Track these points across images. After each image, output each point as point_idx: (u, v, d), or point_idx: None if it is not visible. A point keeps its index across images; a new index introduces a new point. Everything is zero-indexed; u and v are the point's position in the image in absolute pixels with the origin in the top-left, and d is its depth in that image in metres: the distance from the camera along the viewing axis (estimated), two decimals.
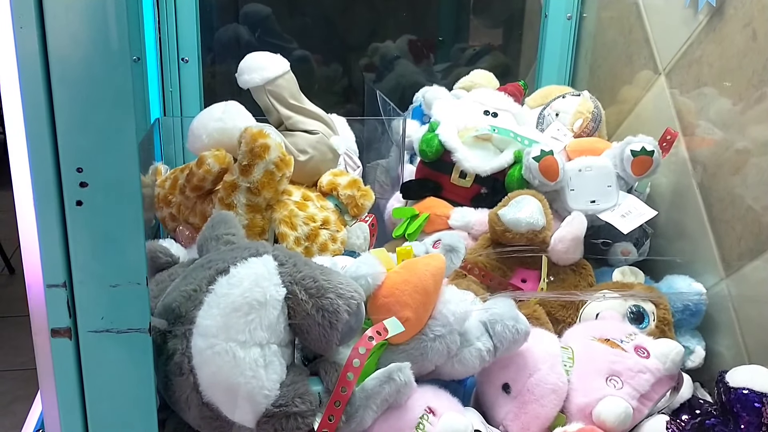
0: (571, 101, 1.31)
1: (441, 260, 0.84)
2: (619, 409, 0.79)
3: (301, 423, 0.69)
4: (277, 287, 0.69)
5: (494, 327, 0.82)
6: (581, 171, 1.12)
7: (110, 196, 0.57)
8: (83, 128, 0.55)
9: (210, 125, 1.09)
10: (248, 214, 1.03)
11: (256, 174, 1.00)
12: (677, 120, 1.16)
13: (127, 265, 0.59)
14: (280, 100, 1.15)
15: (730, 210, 1.01)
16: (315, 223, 1.06)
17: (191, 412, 0.69)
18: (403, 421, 0.75)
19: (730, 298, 1.00)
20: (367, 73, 1.77)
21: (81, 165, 0.56)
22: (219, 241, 0.80)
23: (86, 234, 0.58)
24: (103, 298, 0.59)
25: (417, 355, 0.80)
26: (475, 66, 1.57)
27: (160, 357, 0.69)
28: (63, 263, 0.58)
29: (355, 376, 0.71)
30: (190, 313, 0.68)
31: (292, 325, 0.71)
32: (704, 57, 1.09)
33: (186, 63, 1.48)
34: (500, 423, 0.83)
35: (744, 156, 0.99)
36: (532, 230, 1.03)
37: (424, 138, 1.19)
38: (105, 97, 0.55)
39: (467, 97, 1.30)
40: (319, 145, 1.15)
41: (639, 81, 1.31)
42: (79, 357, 0.61)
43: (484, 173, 1.17)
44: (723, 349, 1.02)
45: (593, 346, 0.87)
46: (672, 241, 1.15)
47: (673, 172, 1.16)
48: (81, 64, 0.54)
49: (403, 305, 0.78)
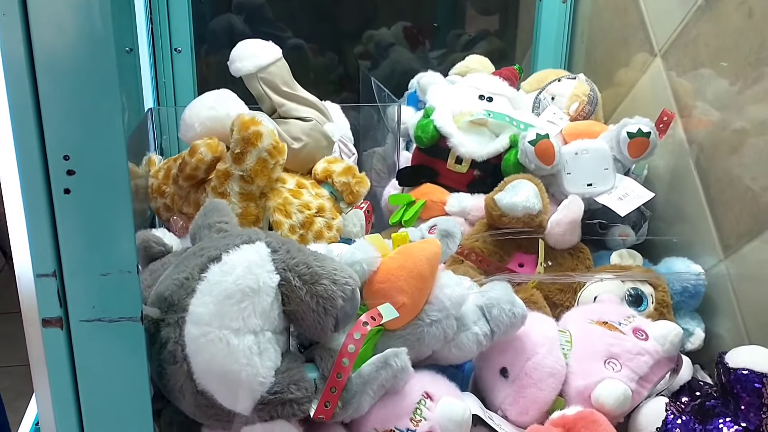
0: (567, 84, 1.30)
1: (437, 245, 0.83)
2: (618, 392, 0.79)
3: (297, 409, 0.68)
4: (270, 274, 0.69)
5: (491, 311, 0.82)
6: (578, 154, 1.12)
7: (98, 184, 0.56)
8: (69, 115, 0.55)
9: (202, 114, 1.09)
10: (242, 202, 1.02)
11: (249, 162, 0.99)
12: (674, 101, 1.15)
13: (117, 253, 0.58)
14: (273, 88, 1.14)
15: (728, 191, 1.01)
16: (310, 211, 1.05)
17: (186, 400, 0.69)
18: (401, 407, 0.75)
19: (729, 279, 1.00)
20: (362, 61, 1.76)
21: (68, 152, 0.55)
22: (211, 229, 0.79)
23: (75, 222, 0.57)
24: (93, 287, 0.59)
25: (414, 341, 0.79)
26: (471, 52, 1.56)
27: (153, 346, 0.69)
28: (52, 252, 0.58)
29: (350, 361, 0.71)
30: (183, 302, 0.68)
31: (286, 311, 0.70)
32: (700, 37, 1.08)
33: (179, 53, 1.48)
34: (498, 407, 0.83)
35: (742, 136, 0.99)
36: (529, 214, 1.02)
37: (420, 124, 1.18)
38: (91, 84, 0.54)
39: (462, 82, 1.29)
40: (313, 132, 1.14)
41: (635, 63, 1.30)
42: (71, 347, 0.60)
43: (480, 158, 1.16)
44: (722, 331, 1.01)
45: (591, 329, 0.87)
46: (670, 223, 1.15)
47: (670, 154, 1.15)
48: (66, 51, 0.53)
49: (399, 291, 0.78)
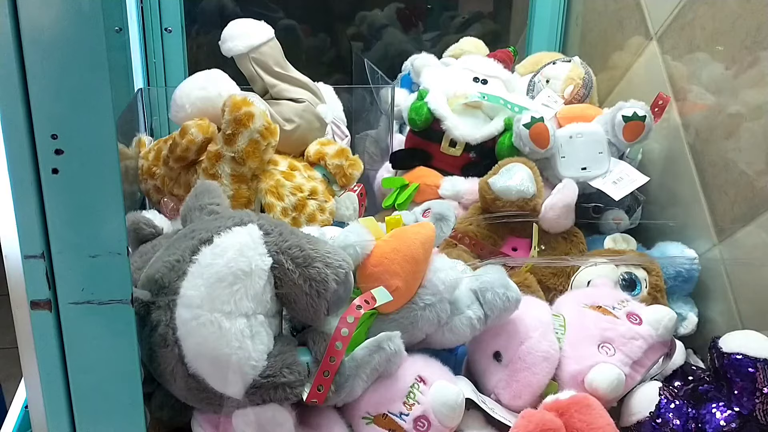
0: (561, 67, 1.29)
1: (431, 229, 0.82)
2: (612, 376, 0.79)
3: (289, 393, 0.68)
4: (262, 257, 0.68)
5: (485, 295, 0.81)
6: (572, 138, 1.11)
7: (87, 164, 0.55)
8: (57, 93, 0.53)
9: (193, 94, 1.07)
10: (233, 184, 1.01)
11: (241, 143, 0.98)
12: (669, 85, 1.15)
13: (107, 234, 0.57)
14: (265, 68, 1.13)
15: (723, 175, 1.00)
16: (302, 194, 1.04)
17: (177, 384, 0.68)
18: (394, 390, 0.75)
19: (723, 264, 1.00)
20: (354, 43, 1.74)
21: (56, 131, 0.54)
22: (203, 211, 0.78)
23: (63, 203, 0.56)
24: (82, 269, 0.58)
25: (407, 324, 0.79)
26: (465, 34, 1.54)
27: (144, 329, 0.68)
28: (40, 233, 0.57)
29: (343, 345, 0.70)
30: (174, 284, 0.67)
31: (279, 295, 0.69)
32: (696, 20, 1.08)
33: (169, 33, 1.46)
34: (492, 391, 0.83)
35: (737, 120, 0.98)
36: (523, 198, 1.02)
37: (413, 106, 1.17)
38: (79, 61, 0.53)
39: (456, 64, 1.27)
40: (305, 113, 1.13)
41: (630, 46, 1.29)
42: (60, 330, 0.59)
43: (474, 141, 1.15)
44: (716, 315, 1.01)
45: (585, 313, 0.86)
46: (664, 207, 1.14)
47: (665, 138, 1.15)
48: (53, 27, 0.52)
49: (393, 274, 0.77)
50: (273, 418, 0.68)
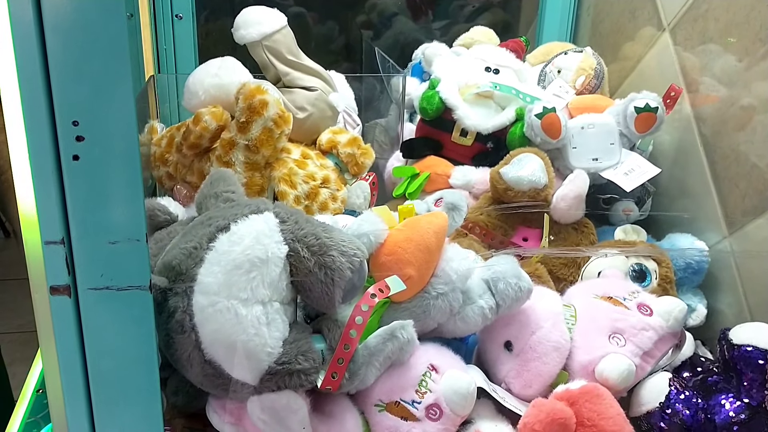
0: (573, 58, 1.29)
1: (443, 218, 0.83)
2: (622, 367, 0.79)
3: (304, 380, 0.68)
4: (278, 244, 0.68)
5: (497, 285, 0.82)
6: (584, 128, 1.11)
7: (108, 150, 0.55)
8: (78, 80, 0.53)
9: (206, 81, 1.07)
10: (247, 172, 1.01)
11: (255, 131, 0.98)
12: (681, 76, 1.14)
13: (126, 221, 0.57)
14: (278, 56, 1.13)
15: (734, 167, 1.00)
16: (315, 182, 1.04)
17: (193, 370, 0.69)
18: (406, 379, 0.75)
19: (733, 256, 1.00)
20: (364, 31, 1.74)
21: (77, 118, 0.54)
22: (218, 199, 0.79)
23: (84, 189, 0.56)
24: (102, 255, 0.58)
25: (419, 313, 0.79)
26: (474, 23, 1.54)
27: (161, 315, 0.68)
28: (61, 219, 0.57)
29: (358, 333, 0.71)
30: (191, 271, 0.67)
31: (294, 282, 0.70)
32: (710, 11, 1.07)
33: (180, 20, 1.46)
34: (502, 381, 0.83)
35: (749, 113, 0.98)
36: (535, 188, 1.02)
37: (425, 95, 1.17)
38: (100, 47, 0.53)
39: (468, 54, 1.27)
40: (317, 102, 1.13)
41: (642, 37, 1.28)
42: (79, 315, 0.60)
43: (485, 131, 1.15)
44: (725, 307, 1.01)
45: (596, 303, 0.87)
46: (674, 199, 1.14)
47: (676, 130, 1.15)
48: (75, 13, 0.52)
49: (406, 263, 0.78)
50: (287, 405, 0.68)
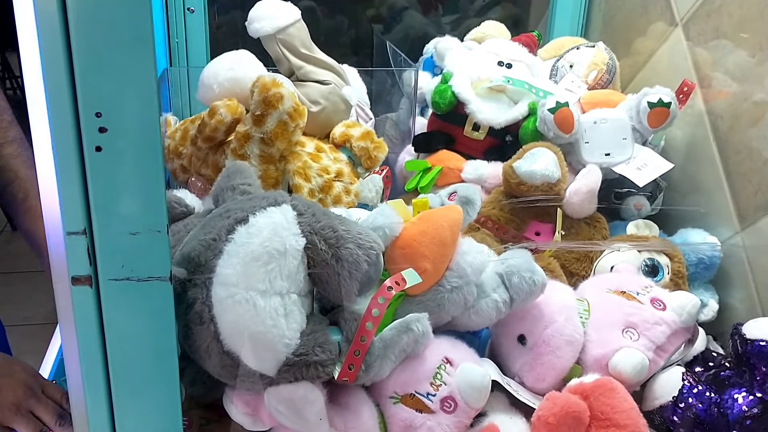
0: (585, 53, 1.29)
1: (458, 212, 0.83)
2: (636, 361, 0.79)
3: (321, 372, 0.69)
4: (296, 237, 0.68)
5: (511, 279, 0.82)
6: (596, 123, 1.11)
7: (130, 142, 0.56)
8: (102, 71, 0.54)
9: (221, 75, 1.08)
10: (261, 165, 1.01)
11: (270, 124, 0.98)
12: (694, 72, 1.14)
13: (147, 212, 0.58)
14: (292, 50, 1.13)
15: (747, 163, 1.00)
16: (329, 175, 1.04)
17: (211, 360, 0.69)
18: (421, 371, 0.76)
19: (745, 252, 1.00)
20: (375, 25, 1.74)
21: (100, 110, 0.55)
22: (235, 191, 0.79)
23: (106, 180, 0.57)
24: (123, 246, 0.58)
25: (434, 306, 0.79)
26: (485, 17, 1.54)
27: (180, 306, 0.68)
28: (83, 210, 0.57)
29: (374, 325, 0.71)
30: (210, 262, 0.68)
31: (311, 274, 0.70)
32: (723, 7, 1.07)
33: (192, 13, 1.46)
34: (515, 374, 0.84)
35: (762, 108, 0.98)
36: (548, 183, 1.02)
37: (437, 89, 1.17)
38: (124, 38, 0.53)
39: (481, 48, 1.27)
40: (331, 95, 1.13)
41: (654, 32, 1.28)
42: (100, 305, 0.60)
43: (497, 125, 1.15)
44: (736, 303, 1.02)
45: (609, 298, 0.87)
46: (686, 194, 1.15)
47: (688, 125, 1.15)
48: (99, 3, 0.52)
49: (421, 256, 0.78)
50: (304, 396, 0.69)
